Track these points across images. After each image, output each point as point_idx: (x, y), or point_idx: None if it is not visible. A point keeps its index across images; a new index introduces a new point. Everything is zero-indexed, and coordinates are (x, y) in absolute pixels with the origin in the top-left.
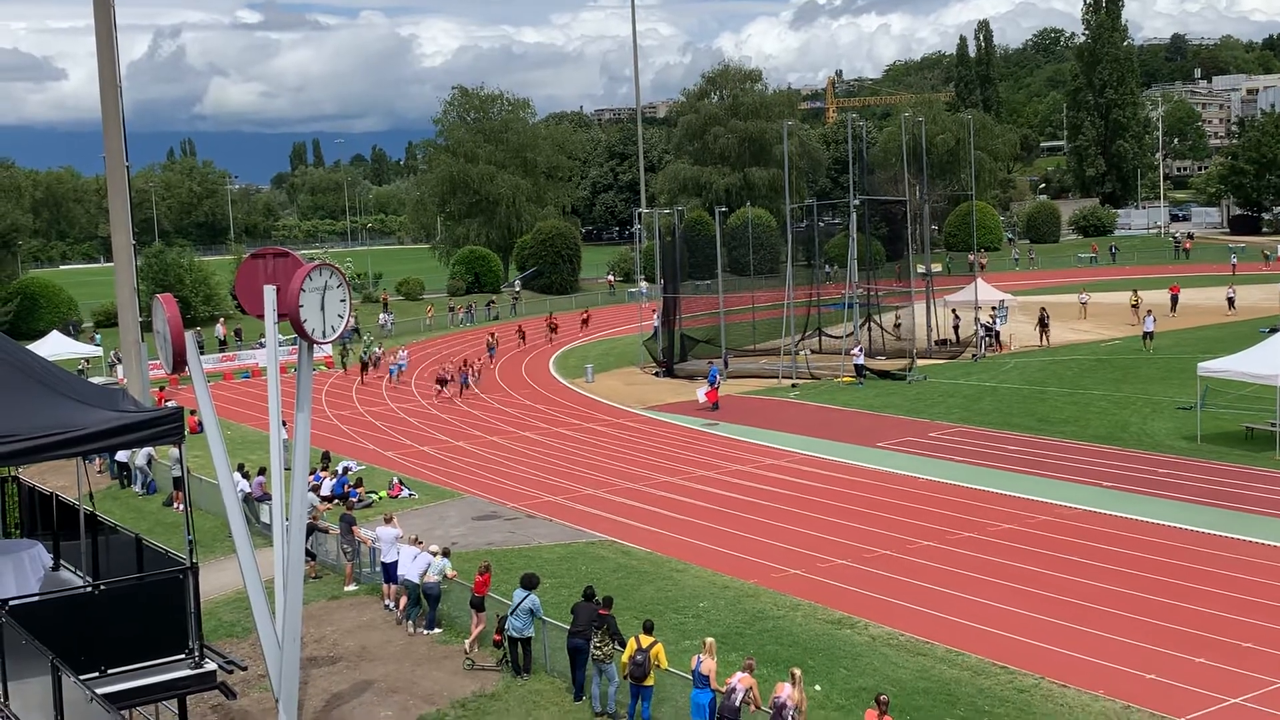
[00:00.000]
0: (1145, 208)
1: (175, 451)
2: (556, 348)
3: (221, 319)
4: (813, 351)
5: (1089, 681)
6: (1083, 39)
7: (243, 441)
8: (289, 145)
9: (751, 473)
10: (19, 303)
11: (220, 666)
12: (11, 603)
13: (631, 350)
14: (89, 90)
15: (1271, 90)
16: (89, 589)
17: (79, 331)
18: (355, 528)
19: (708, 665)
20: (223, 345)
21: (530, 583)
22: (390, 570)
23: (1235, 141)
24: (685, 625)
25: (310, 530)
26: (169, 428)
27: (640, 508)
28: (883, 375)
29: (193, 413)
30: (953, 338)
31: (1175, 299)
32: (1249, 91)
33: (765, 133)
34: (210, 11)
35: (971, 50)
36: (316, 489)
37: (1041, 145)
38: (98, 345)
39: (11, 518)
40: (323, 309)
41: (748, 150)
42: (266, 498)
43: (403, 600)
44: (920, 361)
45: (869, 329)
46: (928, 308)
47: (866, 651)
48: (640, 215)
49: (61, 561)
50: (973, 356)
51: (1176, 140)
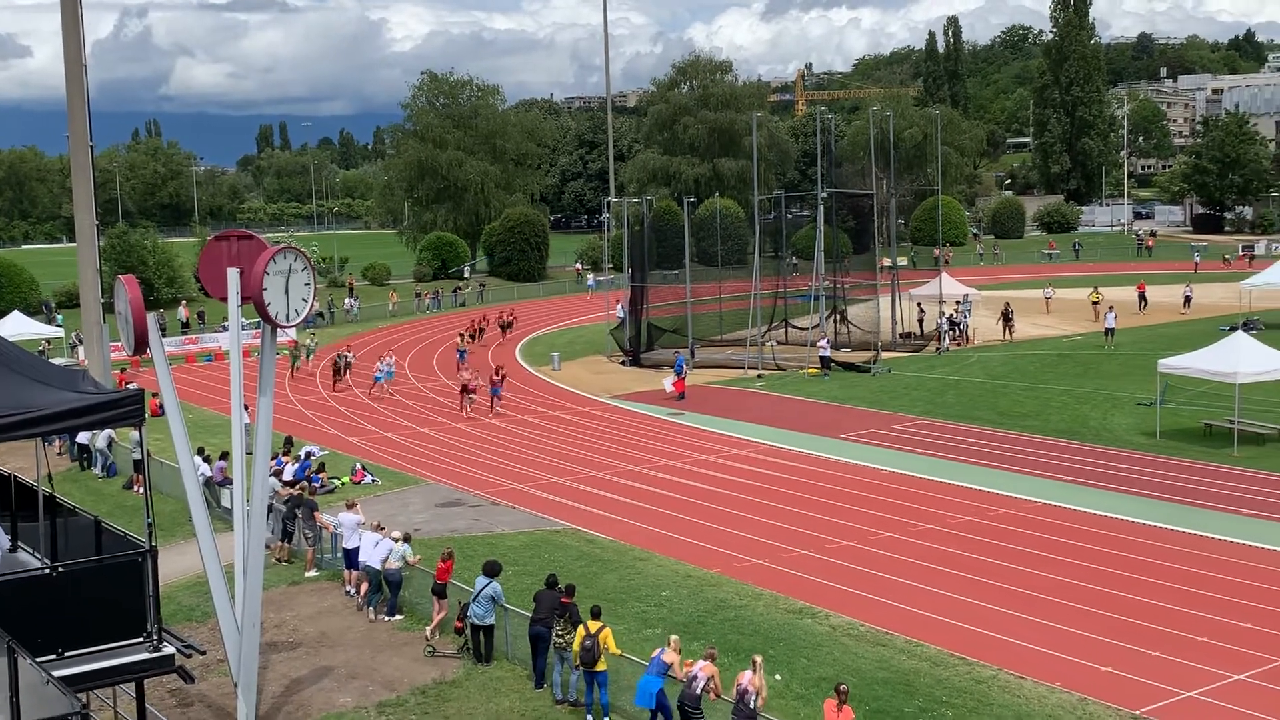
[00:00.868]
0: (1109, 205)
1: (136, 434)
2: (514, 341)
3: (184, 301)
4: (779, 343)
5: (1046, 673)
6: (1050, 36)
7: (204, 425)
8: (255, 127)
9: (716, 462)
10: None
11: (179, 650)
12: None
13: (599, 338)
14: (54, 69)
15: (1236, 90)
16: (47, 571)
17: (51, 312)
18: (317, 513)
19: (670, 657)
20: (185, 328)
21: (492, 570)
22: (352, 556)
23: (1199, 141)
24: (647, 614)
25: (297, 506)
26: (129, 410)
27: (605, 496)
28: (848, 367)
29: (154, 395)
30: (917, 331)
31: (1143, 296)
32: (1214, 91)
33: (735, 124)
34: None
35: (940, 46)
36: (278, 474)
37: (1008, 141)
38: (59, 326)
39: None
40: (287, 293)
41: (717, 141)
42: (228, 482)
43: (364, 586)
44: (885, 354)
45: (835, 321)
46: (893, 301)
47: (827, 641)
48: (609, 204)
49: (19, 543)
50: (937, 350)
51: (1141, 138)
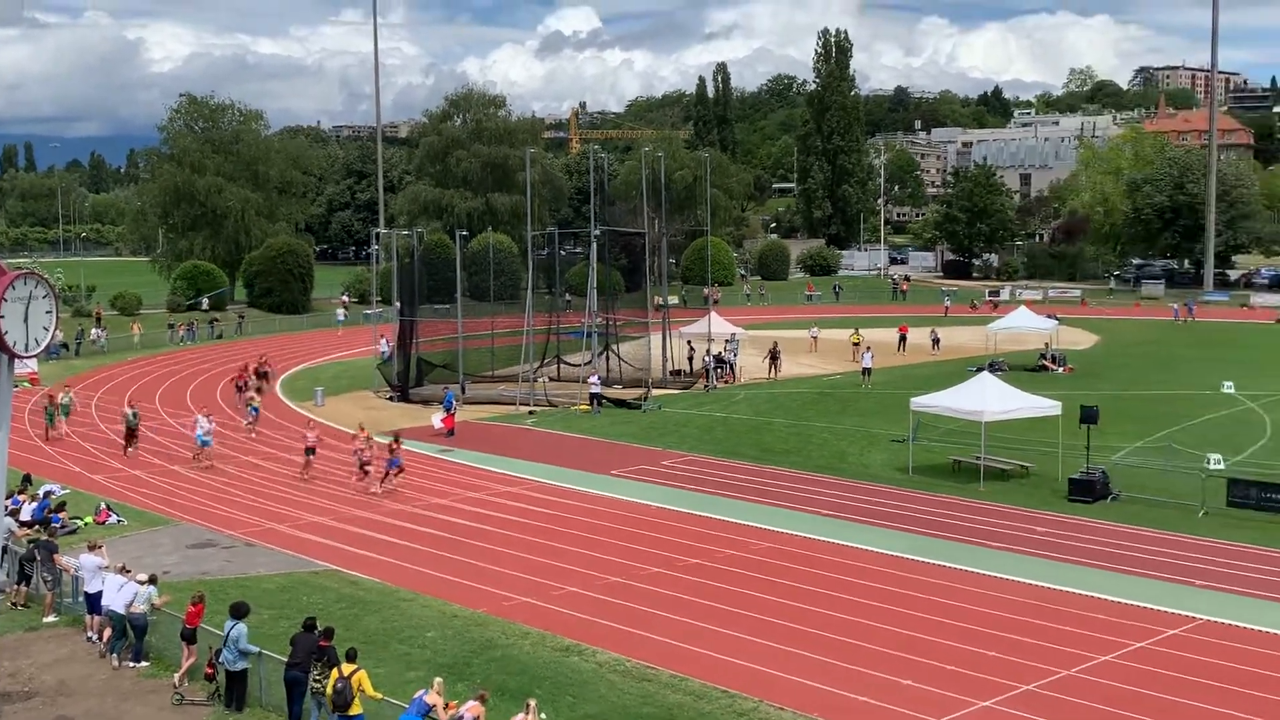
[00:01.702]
0: (867, 250)
1: None
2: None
3: None
4: (551, 379)
5: (807, 704)
6: (814, 87)
7: None
8: None
9: (486, 500)
10: None
11: None
12: None
13: (365, 373)
14: None
15: (984, 144)
16: None
17: None
18: (56, 555)
19: (432, 699)
20: None
21: (239, 612)
22: (94, 601)
23: (950, 190)
24: (411, 656)
25: (42, 551)
26: None
27: (369, 536)
28: (619, 404)
29: None
30: (687, 369)
31: (903, 338)
32: (964, 144)
33: (508, 159)
34: None
35: (710, 91)
36: (15, 513)
37: (774, 186)
38: None
39: None
40: (26, 321)
41: (490, 175)
42: None
43: (106, 632)
44: (655, 391)
45: (607, 358)
46: (664, 339)
47: (593, 679)
48: (379, 235)
49: None
50: (705, 387)
51: (897, 187)
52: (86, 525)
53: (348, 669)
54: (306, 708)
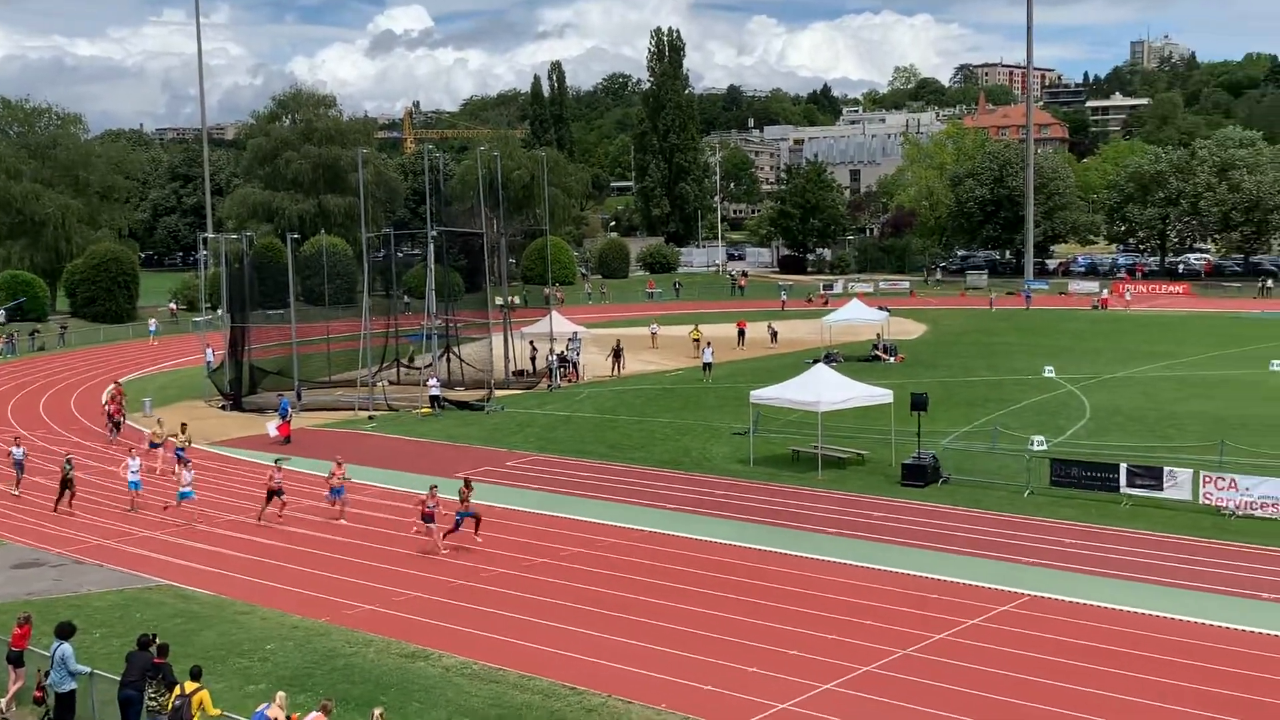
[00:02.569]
0: (706, 247)
1: None
2: (100, 387)
3: None
4: (390, 383)
5: (654, 696)
6: (649, 86)
7: None
8: None
9: (325, 508)
10: None
11: None
12: None
13: (196, 382)
14: None
15: (815, 141)
16: None
17: None
18: None
19: (274, 713)
20: None
21: (64, 632)
22: None
23: (783, 188)
24: (251, 670)
25: None
26: None
27: (203, 549)
28: (461, 406)
29: None
30: (530, 369)
31: (742, 333)
32: (796, 142)
33: (340, 159)
34: None
35: (545, 90)
36: None
37: (612, 185)
38: None
39: None
40: None
41: (322, 177)
42: None
43: None
44: (498, 392)
45: (448, 360)
46: (505, 339)
47: (440, 683)
48: (206, 240)
49: None
50: (549, 387)
51: (733, 185)
52: None
53: (190, 687)
54: None
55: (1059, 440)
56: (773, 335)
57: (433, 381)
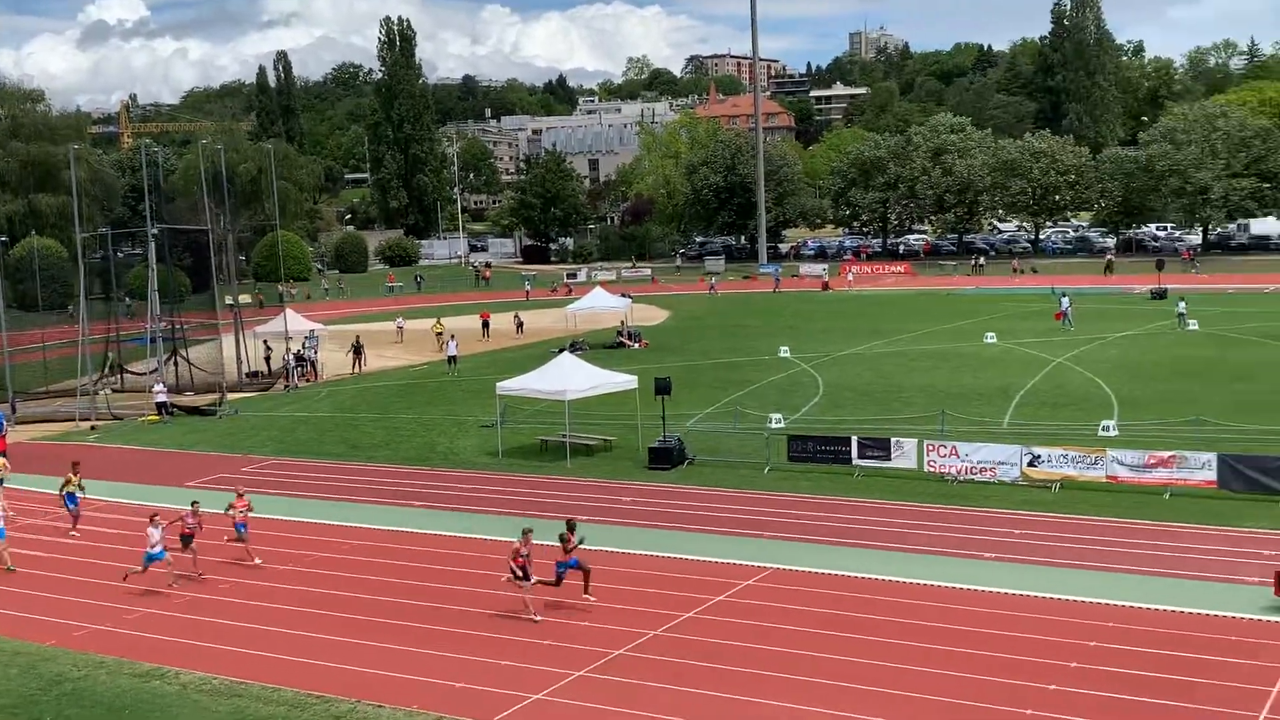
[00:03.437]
0: (447, 238)
1: None
2: None
3: None
4: (114, 390)
5: (405, 698)
6: (380, 76)
7: None
8: None
9: (43, 525)
10: None
11: None
12: None
13: None
14: None
15: (553, 131)
16: None
17: None
18: None
19: None
20: None
21: None
22: None
23: (524, 178)
24: None
25: None
26: None
27: None
28: (191, 411)
29: None
30: (265, 369)
31: (486, 324)
32: (534, 131)
33: (52, 157)
34: None
35: (272, 81)
36: None
37: (347, 177)
38: None
39: None
40: None
41: (32, 175)
42: None
43: None
44: (231, 395)
45: (175, 364)
46: (237, 340)
47: (178, 701)
48: None
49: None
50: (285, 387)
51: (472, 175)
52: None
53: None
54: None
55: (795, 417)
56: (518, 326)
57: (158, 387)
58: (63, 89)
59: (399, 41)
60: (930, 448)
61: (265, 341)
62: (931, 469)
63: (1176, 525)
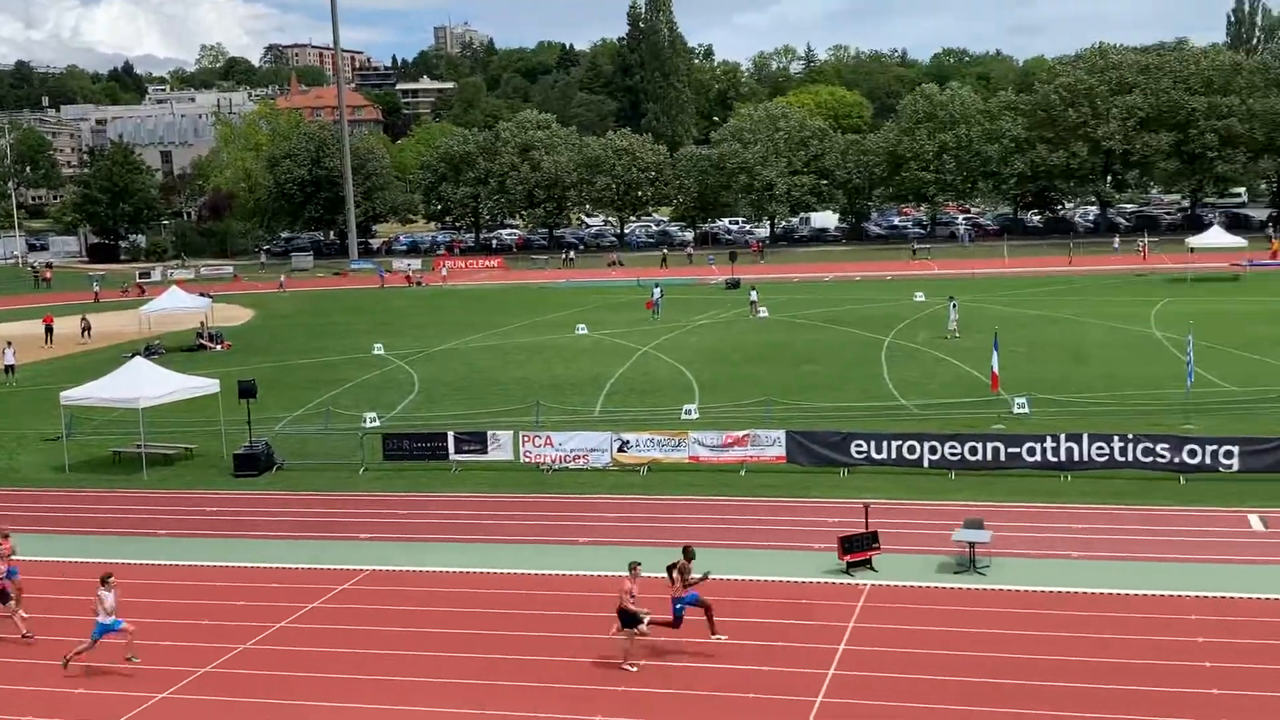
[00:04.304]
0: (2, 238)
1: None
2: None
3: None
4: None
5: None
6: None
7: None
8: None
9: None
10: None
11: None
12: None
13: None
14: None
15: (120, 121)
16: None
17: None
18: None
19: None
20: None
21: None
22: None
23: (88, 171)
24: None
25: None
26: None
27: None
28: None
29: None
30: None
31: (50, 329)
32: (98, 122)
33: None
34: None
35: None
36: None
37: None
38: None
39: None
40: None
41: None
42: None
43: None
44: None
45: None
46: None
47: None
48: None
49: None
50: None
51: (29, 168)
52: None
53: None
54: None
55: (391, 415)
56: (85, 330)
57: None
58: None
59: None
60: (526, 438)
61: None
62: (528, 459)
63: (753, 499)
